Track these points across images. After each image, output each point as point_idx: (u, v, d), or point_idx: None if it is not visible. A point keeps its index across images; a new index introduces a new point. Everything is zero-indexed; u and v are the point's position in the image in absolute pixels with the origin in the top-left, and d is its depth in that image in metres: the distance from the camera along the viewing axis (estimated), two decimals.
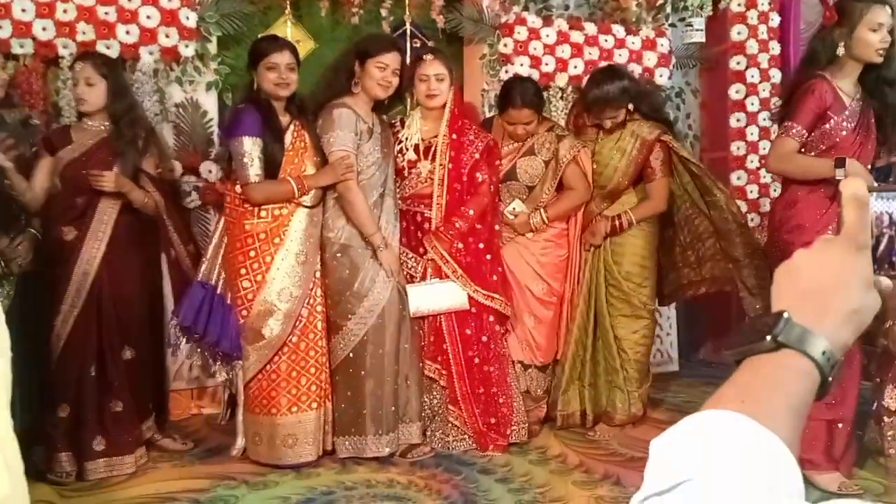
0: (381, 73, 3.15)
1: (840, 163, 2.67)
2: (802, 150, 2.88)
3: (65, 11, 3.49)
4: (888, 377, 2.98)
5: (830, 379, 0.62)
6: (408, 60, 3.99)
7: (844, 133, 2.84)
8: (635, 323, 3.47)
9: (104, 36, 3.57)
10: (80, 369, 2.96)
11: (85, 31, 3.52)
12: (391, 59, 3.17)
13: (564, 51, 4.35)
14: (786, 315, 0.63)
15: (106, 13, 3.56)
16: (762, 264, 3.31)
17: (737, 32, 4.85)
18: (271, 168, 3.05)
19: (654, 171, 3.44)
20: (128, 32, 3.60)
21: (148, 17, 3.63)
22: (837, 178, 2.64)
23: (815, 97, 2.81)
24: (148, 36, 3.64)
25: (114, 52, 3.58)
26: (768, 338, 0.62)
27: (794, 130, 2.84)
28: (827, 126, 2.83)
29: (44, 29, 3.44)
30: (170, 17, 3.67)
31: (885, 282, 0.68)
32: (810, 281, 0.66)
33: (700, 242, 3.64)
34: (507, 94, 3.44)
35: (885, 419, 2.98)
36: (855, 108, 2.85)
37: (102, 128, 3.09)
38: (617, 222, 3.41)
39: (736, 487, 0.51)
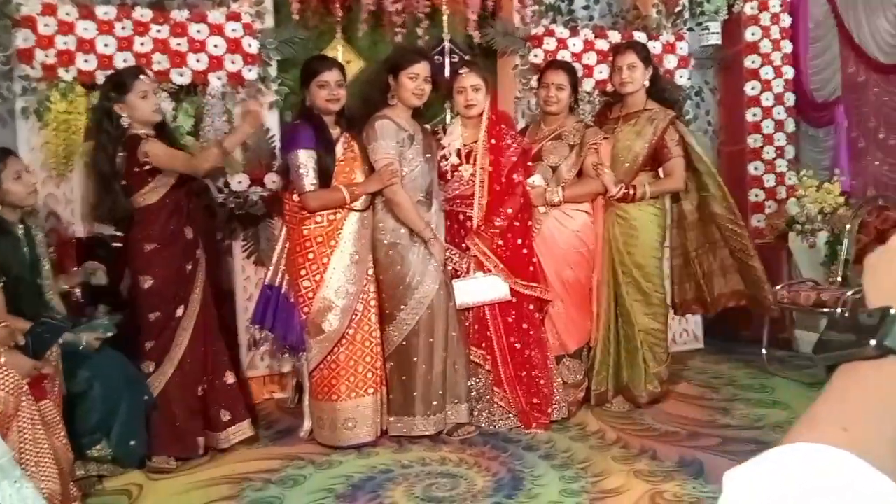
0: (414, 83, 2.99)
1: None
2: None
3: (142, 44, 3.39)
4: None
5: None
6: (447, 74, 3.84)
7: None
8: (648, 308, 3.25)
9: (177, 65, 3.45)
10: (210, 346, 2.85)
11: (160, 61, 3.42)
12: (421, 69, 3.00)
13: (591, 58, 4.11)
14: (893, 311, 0.42)
15: (178, 44, 3.45)
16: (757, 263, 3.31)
17: (751, 33, 4.54)
18: (325, 177, 2.90)
19: (669, 151, 3.23)
20: (198, 61, 3.49)
21: (215, 46, 3.51)
22: None
23: None
24: (216, 63, 3.52)
25: (186, 79, 3.48)
26: (872, 341, 0.41)
27: None
28: None
29: (124, 61, 3.33)
30: (234, 46, 3.54)
31: None
32: None
33: (711, 253, 3.42)
34: (546, 64, 3.49)
35: None
36: None
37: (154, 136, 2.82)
38: (631, 190, 3.19)
39: None
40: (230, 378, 2.91)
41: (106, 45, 3.33)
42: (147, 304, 2.75)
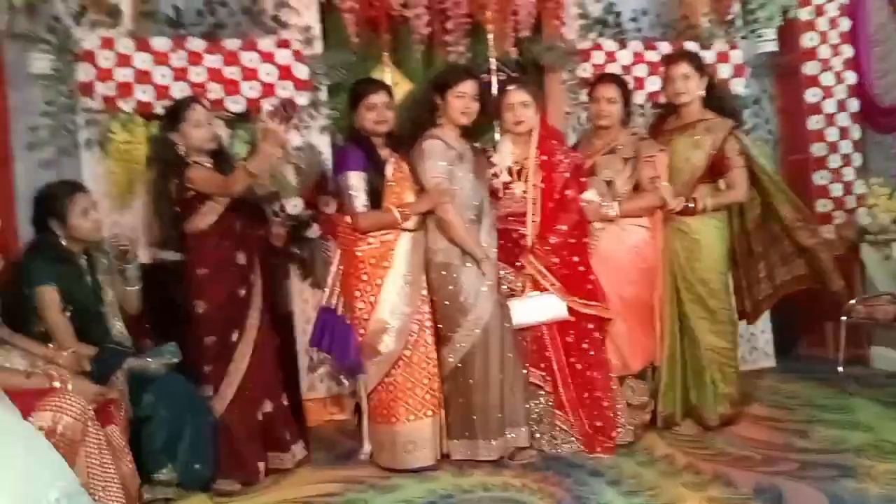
0: (462, 101, 2.98)
1: None
2: None
3: (197, 74, 3.48)
4: None
5: None
6: (494, 92, 3.82)
7: None
8: (714, 325, 3.12)
9: (231, 93, 3.53)
10: (268, 369, 2.88)
11: (214, 90, 3.49)
12: (469, 87, 2.99)
13: (641, 70, 4.03)
14: None
15: (231, 73, 3.53)
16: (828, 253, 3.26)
17: (808, 39, 4.40)
18: (375, 198, 2.91)
19: (730, 161, 3.13)
20: (251, 88, 3.56)
21: (267, 73, 3.58)
22: None
23: None
24: (268, 89, 3.57)
25: (241, 107, 3.54)
26: None
27: None
28: None
29: (180, 90, 3.42)
30: (286, 72, 3.61)
31: None
32: None
33: (772, 247, 3.30)
34: (597, 78, 3.43)
35: None
36: None
37: (212, 164, 2.88)
38: (691, 203, 3.10)
39: None
40: (284, 399, 2.95)
41: (162, 76, 3.42)
42: (202, 328, 2.78)
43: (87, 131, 3.36)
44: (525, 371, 3.01)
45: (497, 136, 3.74)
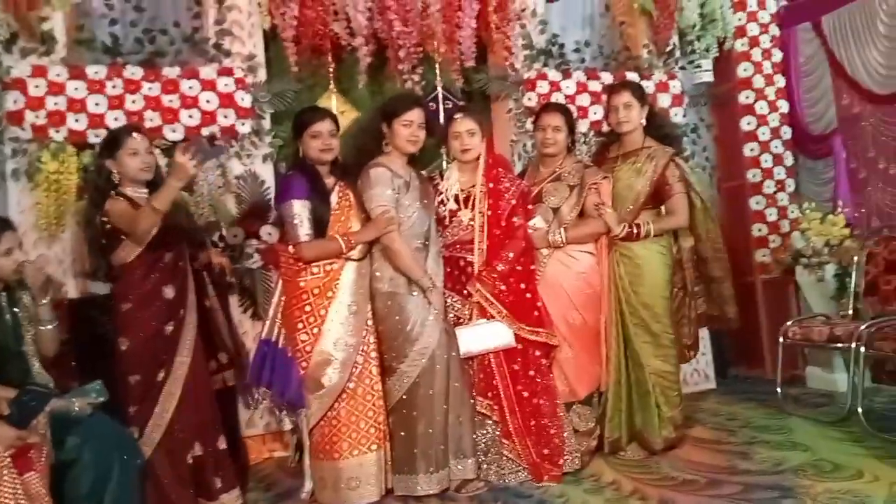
0: (408, 129, 2.97)
1: None
2: None
3: (133, 102, 3.38)
4: None
5: None
6: (441, 121, 3.82)
7: None
8: (658, 349, 3.15)
9: (169, 121, 3.44)
10: (201, 410, 2.71)
11: (152, 119, 3.40)
12: (416, 116, 2.98)
13: (584, 99, 4.09)
14: None
15: (170, 101, 3.44)
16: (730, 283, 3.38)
17: (743, 69, 4.56)
18: (320, 227, 2.85)
19: (671, 188, 3.19)
20: (190, 116, 3.47)
21: (208, 101, 3.51)
22: None
23: None
24: (209, 118, 3.50)
25: (179, 135, 3.45)
26: None
27: None
28: None
29: (115, 119, 3.33)
30: (227, 100, 3.54)
31: None
32: None
33: (697, 282, 3.38)
34: (542, 106, 3.45)
35: None
36: None
37: (146, 194, 2.74)
38: (635, 229, 3.13)
39: None
40: (222, 443, 2.79)
41: (97, 105, 3.32)
42: (126, 366, 2.63)
43: (13, 161, 3.22)
44: (472, 401, 2.97)
45: (445, 163, 3.74)
